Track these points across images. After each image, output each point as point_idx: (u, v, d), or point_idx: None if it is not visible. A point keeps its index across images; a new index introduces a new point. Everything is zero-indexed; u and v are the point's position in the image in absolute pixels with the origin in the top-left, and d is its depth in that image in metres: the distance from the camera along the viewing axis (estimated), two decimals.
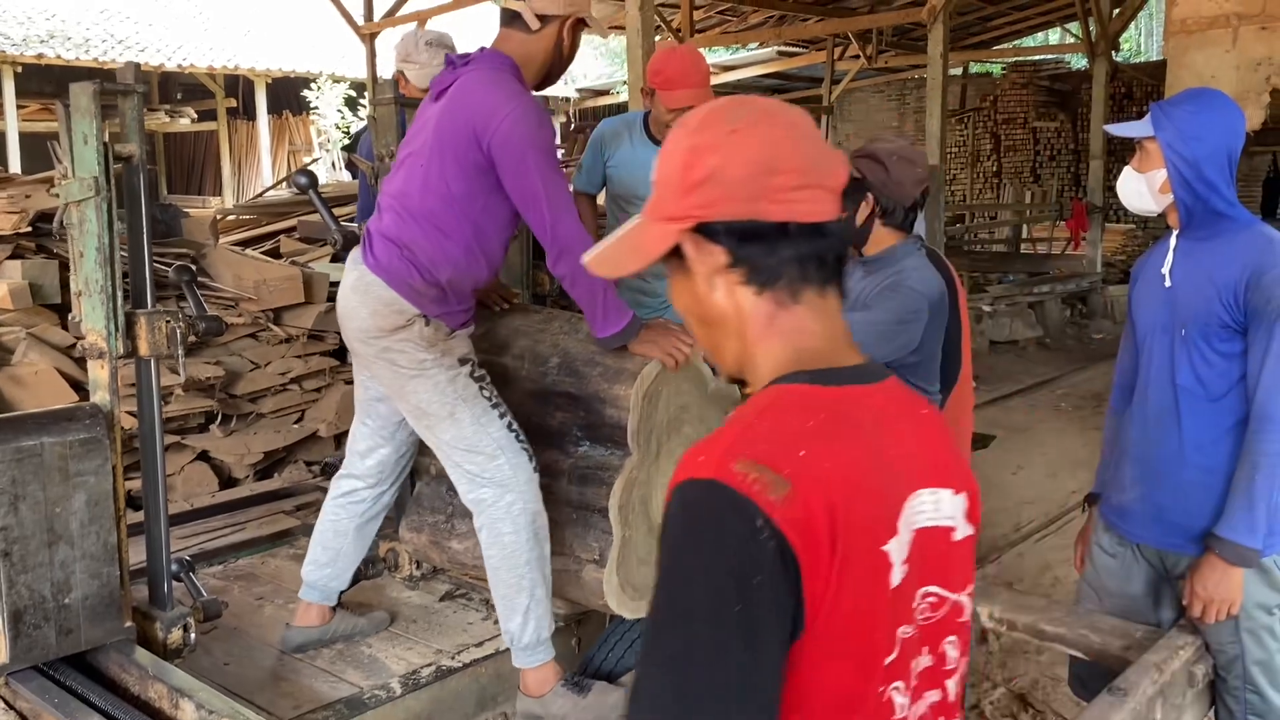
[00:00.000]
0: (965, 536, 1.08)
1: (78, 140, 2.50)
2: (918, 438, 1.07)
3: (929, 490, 1.04)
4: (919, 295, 2.68)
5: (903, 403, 1.09)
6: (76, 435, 2.47)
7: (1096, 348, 10.25)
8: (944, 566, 1.05)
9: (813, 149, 1.04)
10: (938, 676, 1.05)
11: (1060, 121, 16.77)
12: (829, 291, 1.07)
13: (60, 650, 2.49)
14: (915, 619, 1.02)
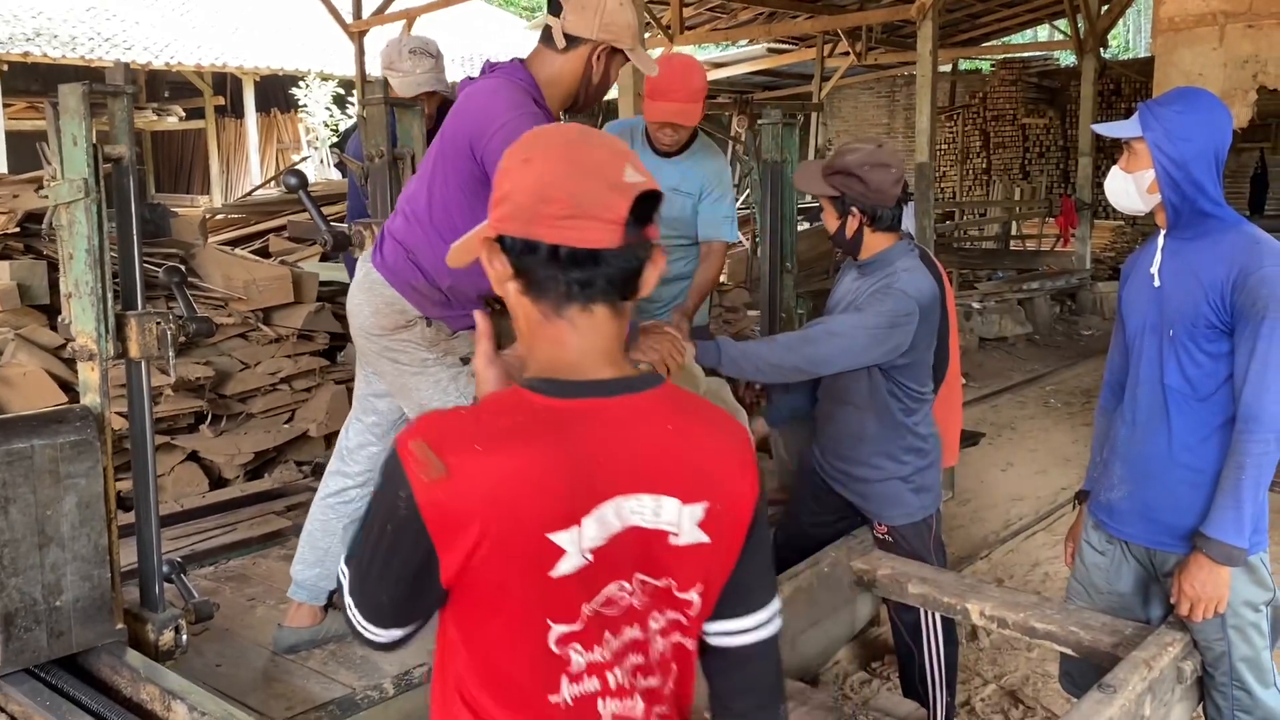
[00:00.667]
0: (692, 543, 1.22)
1: (67, 142, 2.50)
2: (651, 449, 1.20)
3: (650, 496, 1.19)
4: (909, 299, 2.71)
5: (648, 416, 1.22)
6: (67, 437, 2.46)
7: (1086, 344, 10.29)
8: (654, 561, 1.21)
9: (591, 184, 1.18)
10: (644, 644, 1.24)
11: (1049, 118, 16.83)
12: (597, 309, 1.21)
13: (52, 653, 2.48)
14: (614, 600, 1.20)
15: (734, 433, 1.28)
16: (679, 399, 1.27)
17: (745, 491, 1.26)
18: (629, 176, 1.21)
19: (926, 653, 2.98)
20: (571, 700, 1.21)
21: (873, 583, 2.93)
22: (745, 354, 2.63)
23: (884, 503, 2.91)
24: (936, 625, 2.96)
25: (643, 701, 1.25)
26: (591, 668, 1.22)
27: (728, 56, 16.96)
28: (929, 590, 2.82)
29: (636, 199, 1.20)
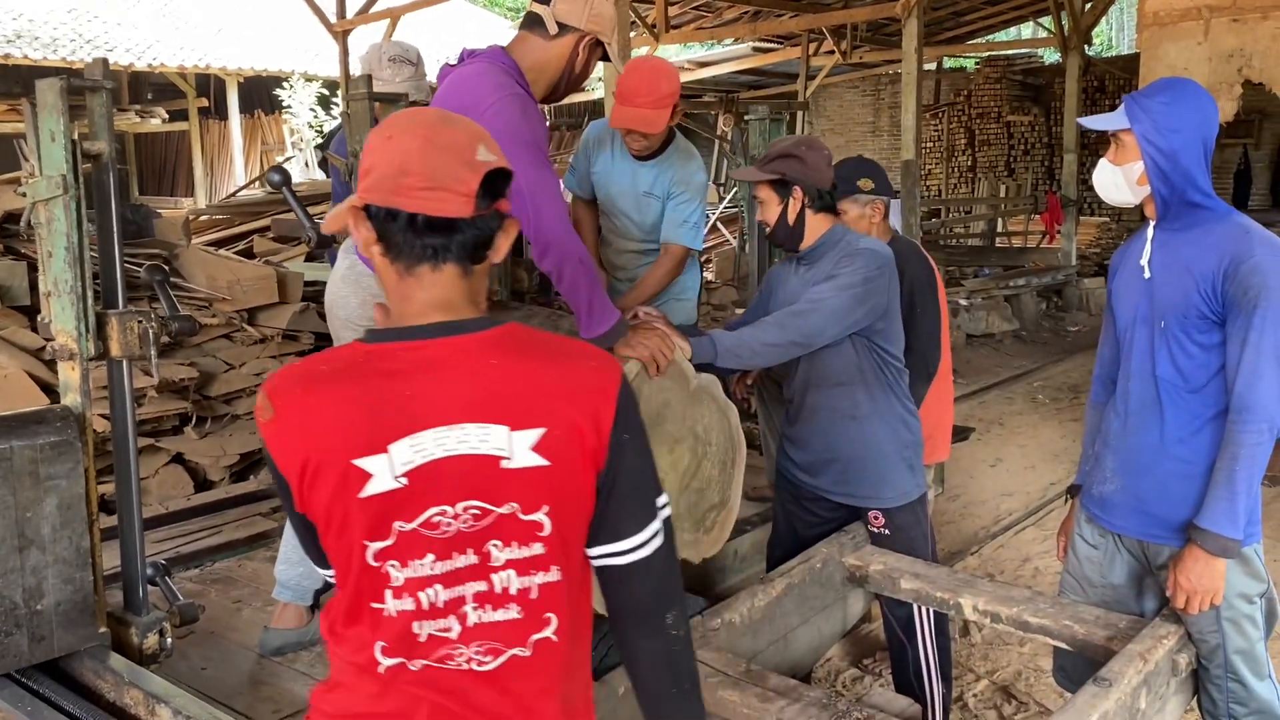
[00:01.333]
0: (528, 466, 1.34)
1: (44, 138, 2.46)
2: (474, 382, 1.34)
3: (474, 425, 1.33)
4: (877, 254, 2.75)
5: (471, 353, 1.36)
6: (47, 438, 2.42)
7: (1072, 340, 10.31)
8: (488, 486, 1.33)
9: (445, 159, 1.34)
10: (483, 571, 1.35)
11: (1034, 115, 16.88)
12: (447, 268, 1.37)
13: (33, 657, 2.44)
14: (437, 523, 1.33)
15: (581, 368, 1.39)
16: (517, 337, 1.39)
17: (582, 421, 1.35)
18: (481, 155, 1.36)
19: (921, 647, 2.97)
20: (396, 613, 1.34)
21: (865, 579, 2.92)
22: (740, 342, 2.62)
23: (879, 483, 2.89)
24: (930, 619, 2.95)
25: (464, 627, 1.35)
26: (410, 584, 1.34)
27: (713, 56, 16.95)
28: (921, 586, 2.80)
29: (486, 175, 1.35)
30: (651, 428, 2.42)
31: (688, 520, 2.57)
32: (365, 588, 1.34)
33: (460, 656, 1.35)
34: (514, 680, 1.37)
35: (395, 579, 1.33)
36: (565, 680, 1.41)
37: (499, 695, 1.37)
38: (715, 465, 2.61)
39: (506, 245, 1.43)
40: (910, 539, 2.95)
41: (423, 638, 1.35)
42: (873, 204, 3.32)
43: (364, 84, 3.10)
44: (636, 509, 1.43)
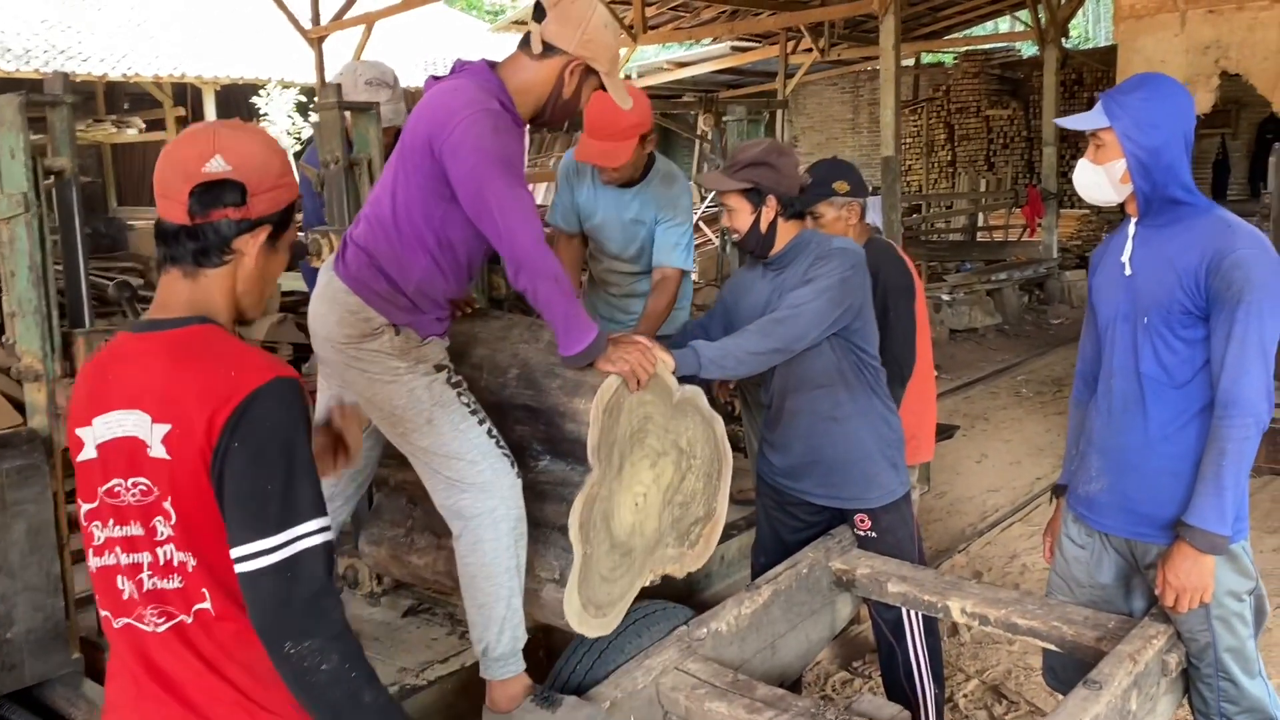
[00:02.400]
0: (159, 457, 1.46)
1: (4, 155, 2.40)
2: (139, 375, 1.50)
3: (130, 412, 1.49)
4: (849, 252, 2.74)
5: (148, 350, 1.52)
6: (13, 462, 2.37)
7: (1055, 332, 10.34)
8: (144, 468, 1.48)
9: (171, 171, 1.54)
10: (149, 543, 1.49)
11: (1013, 109, 16.92)
12: (173, 270, 1.56)
13: (3, 687, 2.39)
14: (118, 492, 1.50)
15: (218, 373, 1.47)
16: (193, 340, 1.52)
17: (199, 422, 1.44)
18: (209, 167, 1.52)
19: (910, 648, 2.94)
20: (97, 569, 1.54)
21: (852, 583, 2.89)
22: (724, 352, 2.59)
23: (864, 483, 2.86)
24: (918, 620, 2.92)
25: (142, 591, 1.49)
26: (108, 542, 1.52)
27: (691, 56, 16.94)
28: (909, 589, 2.77)
29: (206, 185, 1.51)
30: (632, 444, 2.39)
31: (672, 535, 2.52)
32: (86, 543, 1.56)
33: (145, 617, 1.50)
34: (185, 643, 1.48)
35: (97, 538, 1.54)
36: (251, 651, 1.46)
37: (174, 657, 1.48)
38: (700, 478, 2.57)
39: (252, 250, 1.57)
40: (897, 539, 2.92)
41: (125, 595, 1.51)
42: (849, 205, 3.30)
43: (333, 93, 3.05)
44: (243, 518, 1.44)
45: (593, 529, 2.28)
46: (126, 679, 1.52)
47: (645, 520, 2.42)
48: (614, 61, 2.41)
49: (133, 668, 1.51)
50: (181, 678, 1.48)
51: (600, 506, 2.28)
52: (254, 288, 1.60)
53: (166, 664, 1.49)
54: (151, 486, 1.47)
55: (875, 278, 3.23)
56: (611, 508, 2.32)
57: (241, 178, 1.53)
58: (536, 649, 2.85)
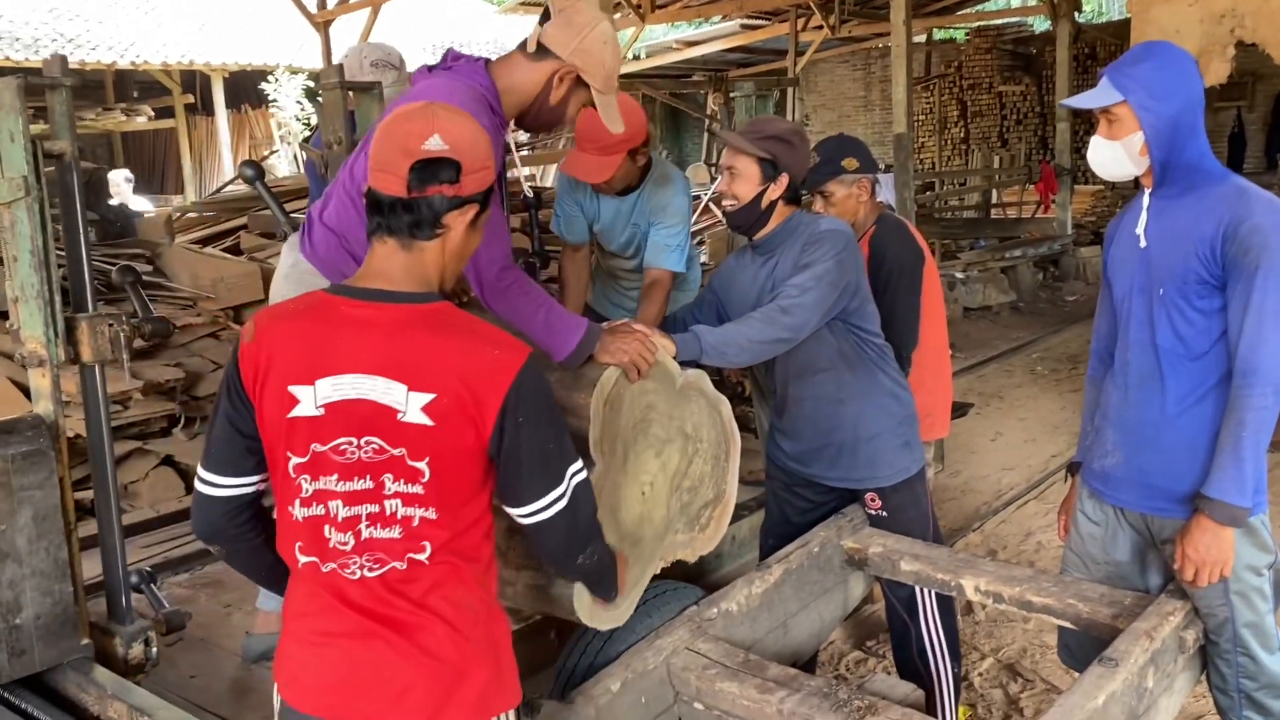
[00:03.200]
0: (417, 423, 1.59)
1: (3, 138, 2.38)
2: (391, 344, 1.60)
3: (381, 379, 1.59)
4: (839, 233, 2.69)
5: (397, 320, 1.62)
6: (18, 448, 2.36)
7: (1070, 309, 10.25)
8: (387, 430, 1.59)
9: (390, 146, 1.65)
10: (376, 496, 1.61)
11: (1025, 85, 16.76)
12: (389, 240, 1.66)
13: (13, 673, 2.38)
14: (345, 450, 1.60)
15: (482, 354, 1.62)
16: (440, 315, 1.65)
17: (469, 398, 1.59)
18: (429, 145, 1.62)
19: (924, 626, 2.91)
20: (303, 518, 1.63)
21: (864, 561, 2.86)
22: (725, 340, 2.55)
23: (875, 463, 2.83)
24: (933, 597, 2.89)
25: (358, 541, 1.61)
26: (318, 495, 1.62)
27: (701, 34, 16.81)
28: (922, 567, 2.75)
29: (420, 162, 1.61)
30: (636, 434, 2.33)
31: (681, 520, 2.48)
32: (285, 494, 1.64)
33: (354, 565, 1.62)
34: (391, 587, 1.62)
35: (305, 490, 1.62)
36: (459, 591, 1.65)
37: (381, 599, 1.61)
38: (707, 462, 2.53)
39: (459, 227, 1.68)
40: (909, 518, 2.89)
41: (331, 544, 1.62)
42: (859, 182, 3.26)
43: (335, 73, 3.03)
44: (534, 482, 1.68)
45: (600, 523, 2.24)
46: (334, 613, 1.63)
47: (653, 508, 2.38)
48: (608, 80, 2.34)
49: (338, 605, 1.63)
50: (391, 614, 1.62)
51: (606, 500, 2.23)
52: (454, 262, 1.72)
53: (374, 605, 1.62)
54: (386, 446, 1.59)
55: (881, 257, 3.19)
56: (618, 500, 2.27)
57: (457, 156, 1.64)
58: (547, 630, 2.84)
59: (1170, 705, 2.43)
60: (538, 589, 2.24)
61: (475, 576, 1.69)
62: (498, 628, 1.74)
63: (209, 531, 1.76)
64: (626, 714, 2.28)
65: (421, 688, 1.62)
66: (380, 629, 1.62)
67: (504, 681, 1.73)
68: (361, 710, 1.62)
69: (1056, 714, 2.05)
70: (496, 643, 1.72)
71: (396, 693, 1.62)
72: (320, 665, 1.64)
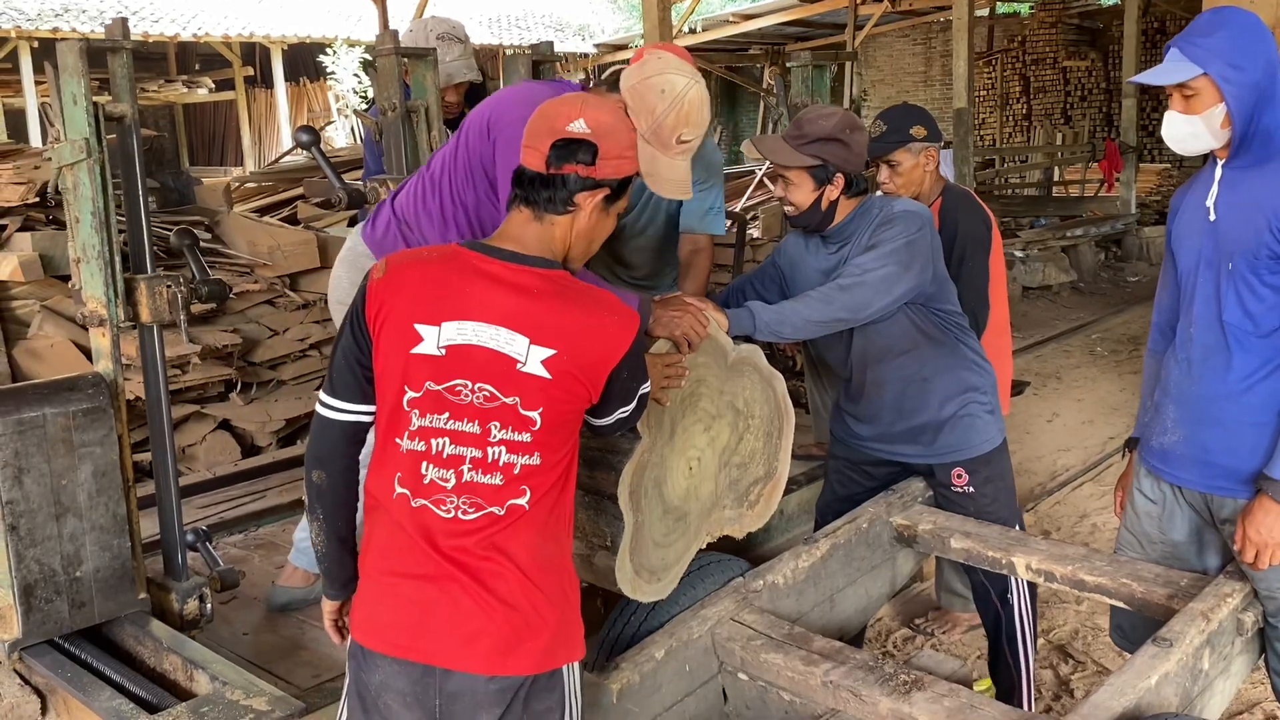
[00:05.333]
0: (535, 374, 1.69)
1: (66, 101, 2.42)
2: (516, 299, 1.71)
3: (505, 329, 1.70)
4: (914, 214, 2.62)
5: (524, 279, 1.73)
6: (79, 405, 2.41)
7: (1132, 290, 10.03)
8: (502, 378, 1.70)
9: (540, 126, 1.81)
10: (481, 441, 1.70)
11: (1091, 60, 16.35)
12: (523, 210, 1.81)
13: (73, 624, 2.45)
14: (459, 391, 1.70)
15: (603, 320, 1.75)
16: (565, 281, 1.77)
17: (587, 359, 1.72)
18: (571, 126, 1.77)
19: (1018, 615, 2.86)
20: (406, 450, 1.72)
21: (914, 538, 2.83)
22: (781, 317, 2.49)
23: (967, 435, 2.80)
24: (1024, 587, 2.84)
25: (459, 482, 1.68)
26: (424, 431, 1.71)
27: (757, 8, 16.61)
28: (972, 545, 2.71)
29: (561, 140, 1.76)
30: (684, 408, 2.30)
31: (729, 496, 2.46)
32: (393, 426, 1.73)
33: (450, 504, 1.68)
34: (483, 531, 1.68)
35: (414, 424, 1.71)
36: (537, 541, 1.72)
37: (470, 541, 1.67)
38: (759, 438, 2.49)
39: (589, 208, 1.80)
40: (998, 490, 2.87)
41: (427, 480, 1.69)
42: (926, 151, 3.18)
43: (390, 40, 3.03)
44: (614, 407, 1.85)
45: (644, 496, 2.22)
46: (417, 552, 1.69)
47: (700, 484, 2.36)
48: (655, 130, 2.28)
49: (421, 543, 1.69)
50: (469, 560, 1.68)
51: (652, 473, 2.22)
52: (582, 240, 1.84)
53: (455, 547, 1.68)
54: (498, 394, 1.69)
55: (954, 227, 3.12)
56: (664, 473, 2.25)
57: (595, 140, 1.77)
58: (594, 598, 2.85)
59: (1227, 688, 2.38)
60: (580, 558, 2.24)
61: (560, 528, 1.78)
62: (569, 581, 1.79)
63: (325, 454, 1.82)
64: (670, 682, 2.29)
65: (493, 633, 1.68)
66: (457, 573, 1.67)
67: (570, 634, 1.77)
68: (429, 650, 1.68)
69: (1107, 693, 2.02)
70: (567, 595, 1.77)
71: (467, 636, 1.67)
72: (396, 604, 1.70)
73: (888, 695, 2.12)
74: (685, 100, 2.28)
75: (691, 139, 2.32)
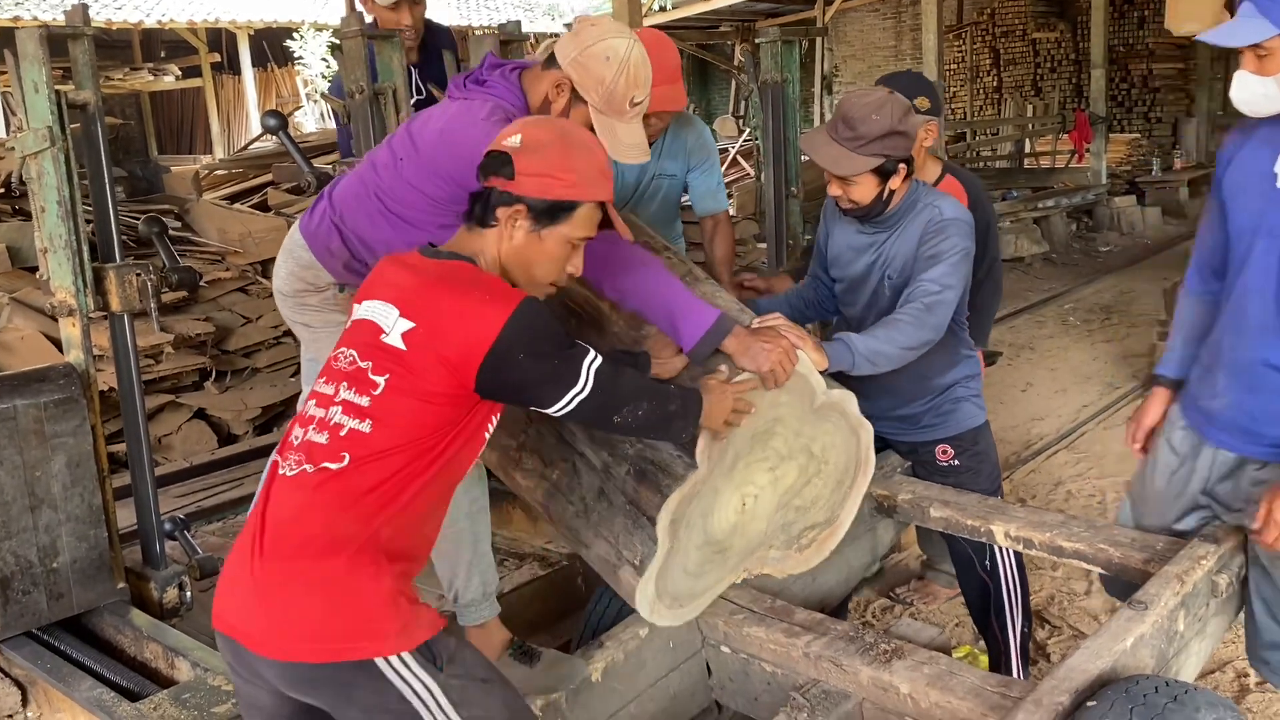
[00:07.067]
0: (391, 345, 1.70)
1: (28, 89, 2.39)
2: (407, 280, 1.76)
3: (387, 304, 1.74)
4: (963, 222, 2.59)
5: (422, 263, 1.80)
6: (51, 396, 2.39)
7: (1104, 260, 10.10)
8: (366, 346, 1.73)
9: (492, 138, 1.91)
10: (328, 401, 1.72)
11: (1060, 31, 16.39)
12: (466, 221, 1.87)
13: (52, 615, 2.44)
14: (338, 357, 1.76)
15: (472, 304, 1.69)
16: (461, 269, 1.78)
17: (449, 338, 1.68)
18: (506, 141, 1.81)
19: (1005, 586, 2.87)
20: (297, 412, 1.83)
21: (894, 508, 2.85)
22: (876, 350, 2.41)
23: (952, 418, 2.84)
24: (1010, 556, 2.86)
25: (303, 440, 1.69)
26: (312, 394, 1.77)
27: None
28: (952, 513, 2.73)
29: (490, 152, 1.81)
30: (754, 444, 2.14)
31: (780, 537, 2.35)
32: None
33: (289, 461, 1.68)
34: (298, 491, 1.65)
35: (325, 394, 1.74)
36: (335, 511, 1.63)
37: (287, 496, 1.65)
38: (828, 485, 2.35)
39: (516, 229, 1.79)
40: (983, 466, 2.89)
41: (291, 437, 1.73)
42: (929, 124, 3.11)
43: (356, 21, 3.00)
44: (549, 392, 1.76)
45: (685, 526, 2.09)
46: (255, 510, 1.69)
47: (751, 522, 2.23)
48: (608, 100, 2.22)
49: (260, 500, 1.69)
50: (273, 521, 1.64)
51: (700, 504, 2.09)
52: (517, 262, 1.82)
53: (276, 503, 1.66)
54: (357, 359, 1.72)
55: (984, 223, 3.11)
56: (713, 505, 2.13)
57: (516, 156, 1.76)
58: (574, 577, 2.86)
59: (1202, 650, 2.41)
60: (605, 563, 2.19)
61: (374, 509, 1.65)
62: (365, 569, 1.63)
63: None
64: (654, 659, 2.30)
65: (262, 611, 1.62)
66: (258, 536, 1.63)
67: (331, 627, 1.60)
68: (231, 623, 1.66)
69: (1083, 656, 2.04)
70: (352, 583, 1.62)
71: (246, 611, 1.64)
72: (226, 570, 1.71)
73: (868, 664, 2.14)
74: (630, 63, 2.23)
75: (642, 100, 2.27)
